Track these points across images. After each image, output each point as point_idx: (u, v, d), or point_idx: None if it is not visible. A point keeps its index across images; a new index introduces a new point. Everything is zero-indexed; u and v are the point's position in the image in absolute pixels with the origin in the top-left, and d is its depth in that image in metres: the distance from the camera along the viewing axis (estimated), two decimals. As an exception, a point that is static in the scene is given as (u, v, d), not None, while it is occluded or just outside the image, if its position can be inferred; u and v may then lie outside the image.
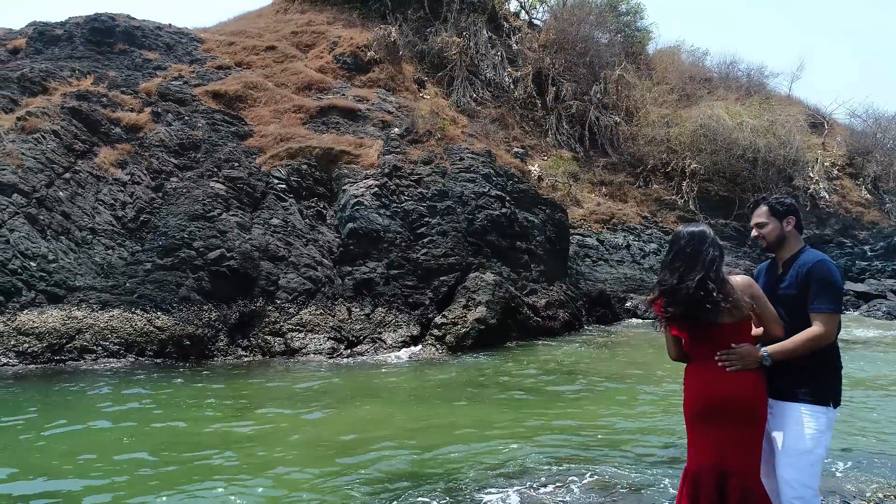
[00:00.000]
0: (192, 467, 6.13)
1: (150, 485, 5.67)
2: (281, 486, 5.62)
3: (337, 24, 24.10)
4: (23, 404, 8.57)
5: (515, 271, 15.39)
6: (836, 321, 3.28)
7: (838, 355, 3.41)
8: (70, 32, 20.51)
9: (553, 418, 7.82)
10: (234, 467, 6.13)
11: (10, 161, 13.72)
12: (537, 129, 24.65)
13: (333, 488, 5.53)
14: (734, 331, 3.31)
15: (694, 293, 3.26)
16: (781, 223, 3.47)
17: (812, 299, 3.26)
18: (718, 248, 3.42)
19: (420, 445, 6.75)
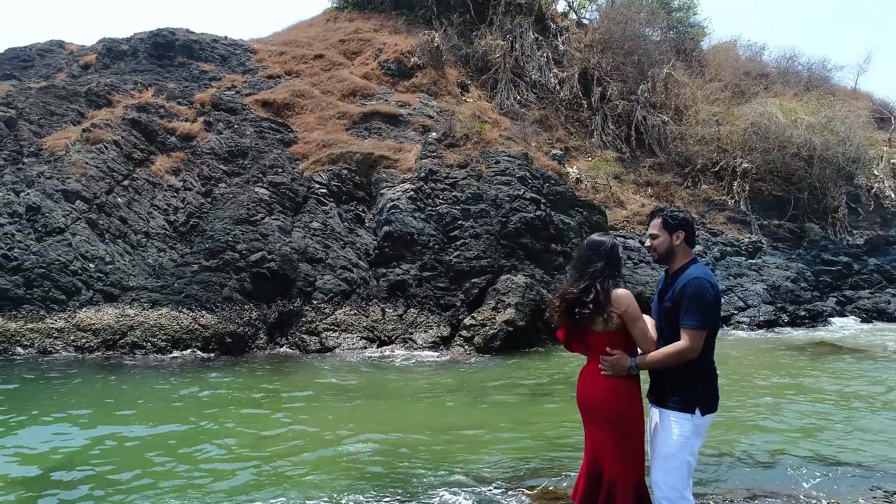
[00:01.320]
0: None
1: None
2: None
3: (383, 31, 24.69)
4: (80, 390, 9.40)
5: (549, 273, 15.45)
6: (702, 337, 3.39)
7: (709, 366, 3.52)
8: (134, 47, 21.93)
9: (548, 421, 7.97)
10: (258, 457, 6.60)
11: (75, 170, 14.89)
12: (582, 129, 24.47)
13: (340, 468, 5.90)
14: (607, 339, 3.49)
15: (575, 299, 3.47)
16: (671, 237, 3.60)
17: (682, 314, 3.39)
18: (609, 259, 3.58)
19: (412, 442, 7.06)
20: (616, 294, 3.53)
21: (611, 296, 3.51)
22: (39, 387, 9.70)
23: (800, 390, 9.81)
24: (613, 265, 3.63)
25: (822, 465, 6.18)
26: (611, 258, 3.62)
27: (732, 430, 7.45)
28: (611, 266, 3.60)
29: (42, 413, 8.19)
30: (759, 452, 6.63)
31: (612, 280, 3.58)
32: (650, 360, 3.44)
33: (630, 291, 3.62)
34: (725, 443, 6.89)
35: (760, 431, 7.48)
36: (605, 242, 3.69)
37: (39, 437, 7.16)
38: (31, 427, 7.63)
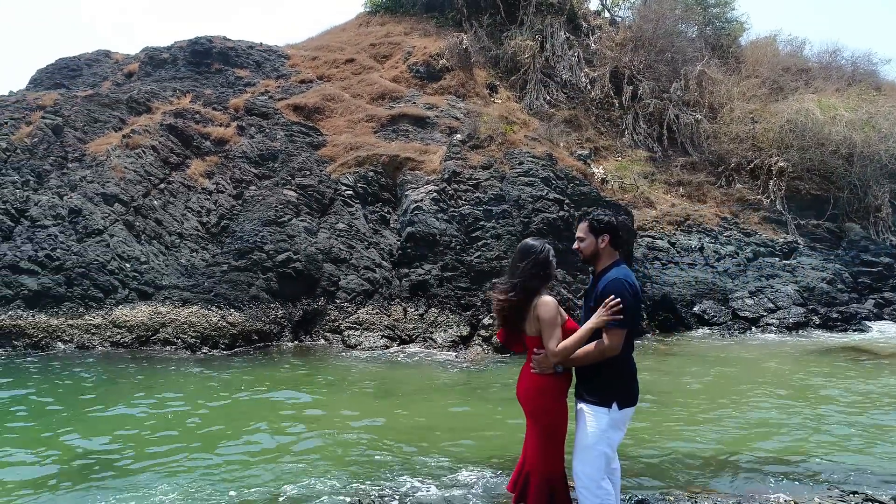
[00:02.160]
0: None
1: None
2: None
3: (413, 34, 25.01)
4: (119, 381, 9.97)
5: (571, 274, 15.46)
6: (622, 335, 3.52)
7: (627, 363, 3.63)
8: (174, 55, 22.80)
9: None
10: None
11: (114, 174, 15.64)
12: (613, 129, 24.29)
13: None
14: (535, 341, 3.61)
15: (502, 302, 3.60)
16: (597, 240, 3.71)
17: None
18: (537, 264, 3.68)
19: (410, 439, 7.28)
20: (539, 300, 3.66)
21: (534, 301, 3.64)
22: (91, 377, 10.31)
23: (800, 393, 9.65)
24: (543, 272, 3.74)
25: (783, 467, 6.19)
26: (538, 264, 3.73)
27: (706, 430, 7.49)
28: (538, 272, 3.72)
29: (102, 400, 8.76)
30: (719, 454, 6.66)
31: (538, 286, 3.70)
32: (572, 358, 3.56)
33: (555, 300, 3.71)
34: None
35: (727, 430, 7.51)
36: (535, 248, 3.81)
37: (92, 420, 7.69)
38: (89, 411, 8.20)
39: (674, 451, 6.78)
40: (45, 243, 13.94)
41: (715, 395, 9.62)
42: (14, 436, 7.42)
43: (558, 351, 3.53)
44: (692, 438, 7.28)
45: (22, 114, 17.87)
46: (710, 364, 12.19)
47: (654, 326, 16.19)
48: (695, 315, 17.13)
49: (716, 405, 8.88)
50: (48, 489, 5.79)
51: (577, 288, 15.19)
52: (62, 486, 5.84)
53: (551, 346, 3.55)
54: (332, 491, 5.52)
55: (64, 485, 5.88)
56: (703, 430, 7.65)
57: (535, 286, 3.68)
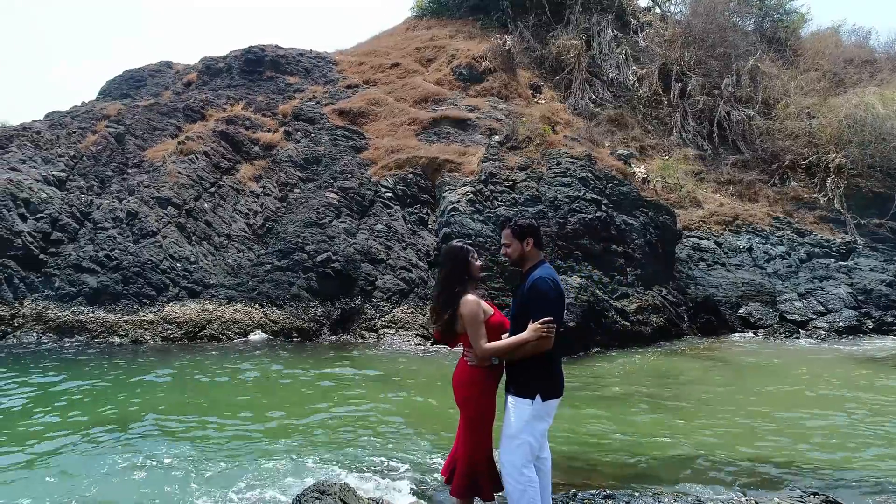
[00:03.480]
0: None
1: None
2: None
3: (458, 37, 25.27)
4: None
5: (608, 275, 15.34)
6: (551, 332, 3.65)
7: (551, 357, 3.75)
8: (229, 64, 23.86)
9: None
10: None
11: (168, 179, 16.58)
12: (660, 127, 23.84)
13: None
14: (465, 338, 3.75)
15: (432, 303, 3.78)
16: (522, 244, 3.84)
17: (530, 311, 3.62)
18: (453, 264, 3.85)
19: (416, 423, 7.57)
20: (462, 300, 3.82)
21: (458, 300, 3.80)
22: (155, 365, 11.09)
23: (821, 398, 9.32)
24: (461, 272, 3.89)
25: (751, 465, 6.12)
26: (458, 266, 3.90)
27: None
28: (458, 273, 3.88)
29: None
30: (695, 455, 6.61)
31: (460, 286, 3.86)
32: (495, 350, 3.71)
33: (477, 299, 3.84)
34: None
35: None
36: (453, 251, 3.99)
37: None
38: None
39: (652, 452, 6.81)
40: (104, 244, 14.94)
41: (728, 398, 9.43)
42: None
43: (487, 350, 3.69)
44: (678, 439, 7.28)
45: (89, 123, 19.16)
46: (740, 368, 11.89)
47: (695, 329, 15.85)
48: (740, 317, 16.65)
49: (721, 409, 8.71)
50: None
51: (612, 289, 15.08)
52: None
53: (479, 345, 3.71)
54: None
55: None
56: (695, 431, 7.60)
57: (458, 288, 3.85)
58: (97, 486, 5.88)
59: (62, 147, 17.81)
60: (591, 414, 8.49)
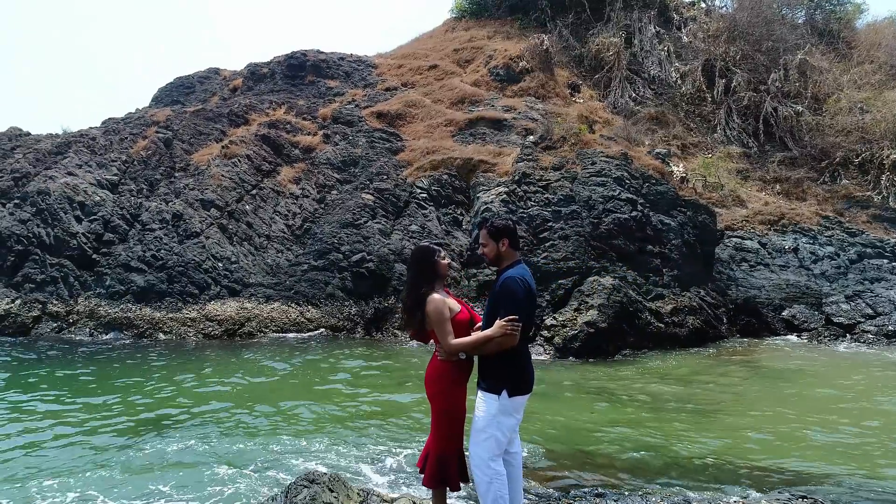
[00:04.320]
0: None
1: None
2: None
3: (496, 37, 25.30)
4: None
5: (643, 275, 15.13)
6: (517, 328, 3.71)
7: (519, 354, 3.79)
8: (273, 70, 24.55)
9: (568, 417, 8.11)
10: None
11: (212, 182, 17.21)
12: (704, 125, 23.30)
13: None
14: (433, 334, 3.84)
15: (402, 305, 3.90)
16: (497, 244, 3.89)
17: (500, 309, 3.69)
18: (418, 265, 3.94)
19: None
20: (428, 299, 3.91)
21: (425, 300, 3.90)
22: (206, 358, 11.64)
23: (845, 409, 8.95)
24: (427, 272, 3.99)
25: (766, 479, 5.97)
26: (423, 266, 4.00)
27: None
28: (424, 273, 3.99)
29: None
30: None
31: (427, 286, 3.95)
32: (462, 346, 3.80)
33: (443, 297, 3.93)
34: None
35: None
36: (418, 252, 4.09)
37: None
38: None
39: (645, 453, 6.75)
40: (151, 245, 15.64)
41: (754, 402, 9.21)
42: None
43: (453, 346, 3.79)
44: (688, 442, 7.20)
45: (140, 129, 20.05)
46: (773, 372, 11.55)
47: (734, 331, 15.47)
48: (783, 320, 16.15)
49: (730, 415, 8.52)
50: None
51: (647, 290, 14.87)
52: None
53: (446, 341, 3.82)
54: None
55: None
56: (696, 436, 7.50)
57: (424, 288, 3.95)
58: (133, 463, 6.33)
59: (115, 152, 18.71)
60: (608, 414, 8.45)
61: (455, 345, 3.76)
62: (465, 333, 3.89)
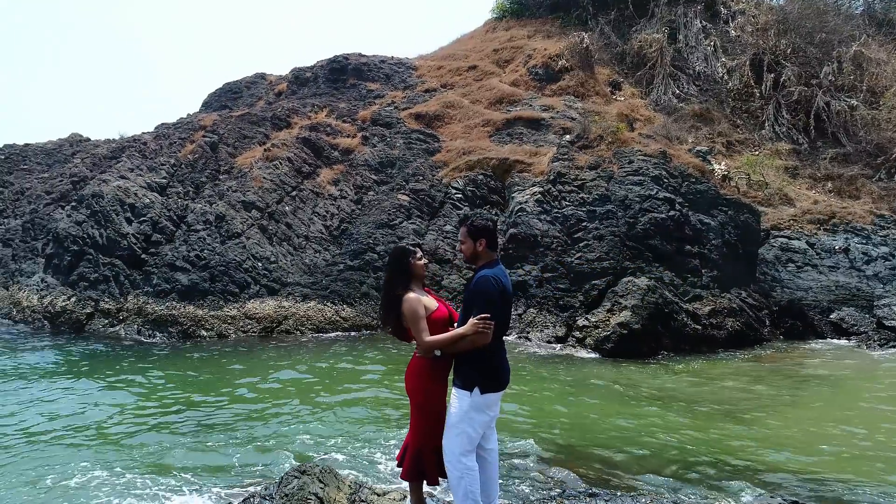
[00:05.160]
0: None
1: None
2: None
3: (537, 36, 25.16)
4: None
5: (681, 276, 14.81)
6: (489, 326, 3.74)
7: (491, 352, 3.79)
8: (315, 74, 25.09)
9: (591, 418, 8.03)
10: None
11: (254, 184, 17.74)
12: (751, 121, 22.58)
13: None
14: (411, 332, 3.87)
15: (381, 302, 3.95)
16: (475, 243, 3.90)
17: (473, 308, 3.71)
18: (394, 266, 4.00)
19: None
20: (403, 298, 3.97)
21: (400, 299, 3.96)
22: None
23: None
24: (403, 272, 4.05)
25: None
26: (398, 266, 4.06)
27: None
28: (400, 273, 4.04)
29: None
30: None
31: (402, 287, 4.01)
32: (437, 343, 3.84)
33: (418, 296, 3.98)
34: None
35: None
36: (395, 252, 4.16)
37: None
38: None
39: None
40: (196, 245, 16.24)
41: (784, 408, 8.91)
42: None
43: (427, 343, 3.85)
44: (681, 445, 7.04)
45: (188, 133, 20.81)
46: (810, 377, 11.13)
47: (777, 334, 14.97)
48: (830, 323, 15.51)
49: (764, 417, 8.27)
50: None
51: (684, 291, 14.55)
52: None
53: (421, 338, 3.88)
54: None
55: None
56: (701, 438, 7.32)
57: (400, 289, 4.02)
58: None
59: (164, 156, 19.49)
60: (623, 411, 8.35)
61: (429, 342, 3.85)
62: (443, 331, 3.96)
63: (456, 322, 4.05)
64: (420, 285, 4.12)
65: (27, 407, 8.80)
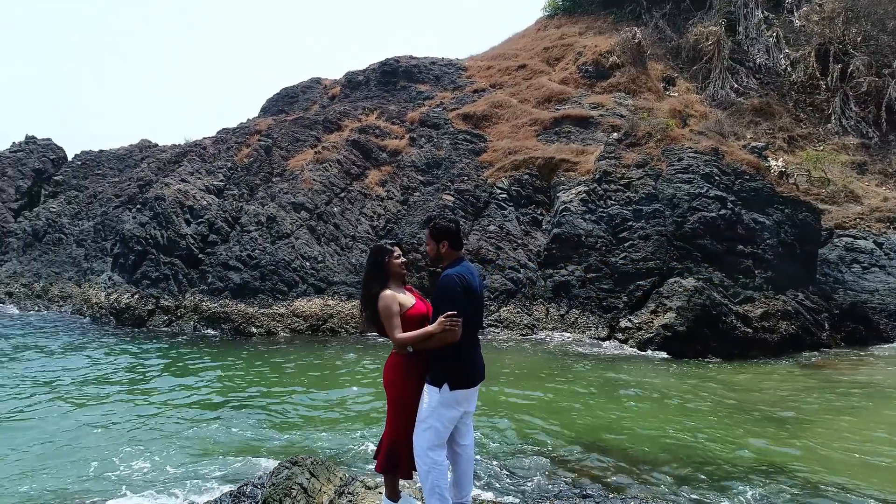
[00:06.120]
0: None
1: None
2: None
3: (588, 33, 24.78)
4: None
5: (731, 277, 14.28)
6: (457, 324, 3.76)
7: (460, 348, 3.81)
8: (367, 77, 25.55)
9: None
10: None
11: (304, 185, 18.25)
12: (816, 114, 21.50)
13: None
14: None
15: (360, 310, 4.01)
16: (438, 245, 3.90)
17: (440, 306, 3.70)
18: (371, 264, 4.02)
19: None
20: (379, 295, 4.00)
21: (376, 297, 3.99)
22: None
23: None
24: (379, 271, 4.08)
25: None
26: (375, 265, 4.09)
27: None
28: (377, 272, 4.08)
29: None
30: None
31: (378, 285, 4.04)
32: (408, 339, 3.87)
33: (393, 294, 4.00)
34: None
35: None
36: (373, 251, 4.20)
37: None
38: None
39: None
40: (248, 245, 16.87)
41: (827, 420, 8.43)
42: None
43: (398, 339, 3.90)
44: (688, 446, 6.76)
45: (244, 137, 21.62)
46: (864, 385, 10.50)
47: (838, 339, 14.19)
48: (900, 328, 14.63)
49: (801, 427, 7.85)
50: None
51: (735, 292, 14.02)
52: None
53: (392, 334, 3.93)
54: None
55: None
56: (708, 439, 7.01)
57: (376, 288, 4.06)
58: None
59: (222, 160, 20.32)
60: (650, 413, 8.14)
61: (399, 338, 3.91)
62: (418, 328, 4.02)
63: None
64: (399, 283, 4.19)
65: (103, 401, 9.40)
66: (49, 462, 6.80)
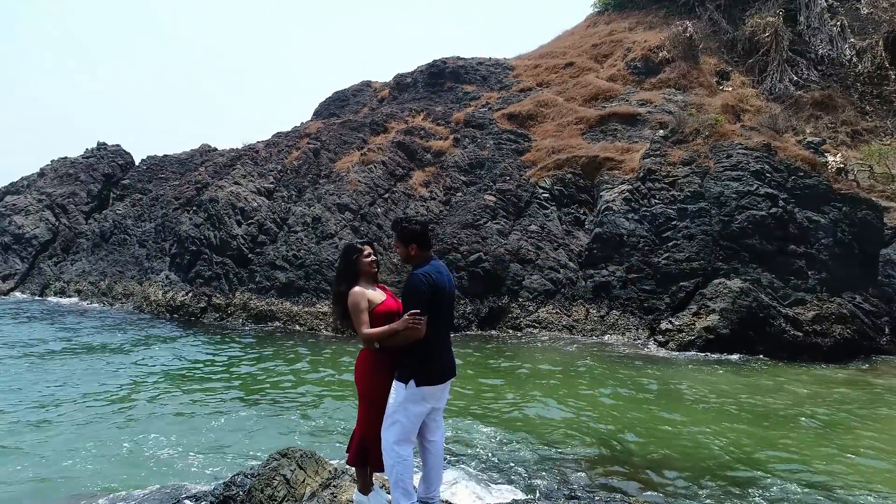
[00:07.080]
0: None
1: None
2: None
3: (638, 28, 24.23)
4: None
5: (782, 278, 13.69)
6: (423, 321, 3.82)
7: (428, 347, 3.86)
8: (415, 79, 25.80)
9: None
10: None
11: (349, 187, 18.63)
12: (884, 107, 20.29)
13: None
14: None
15: (332, 305, 4.07)
16: (407, 248, 3.91)
17: (406, 304, 3.73)
18: (341, 263, 4.08)
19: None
20: (349, 292, 4.05)
21: (346, 294, 4.05)
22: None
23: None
24: (349, 269, 4.14)
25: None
26: (344, 263, 4.17)
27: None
28: (347, 269, 4.14)
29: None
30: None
31: (347, 283, 4.09)
32: (374, 335, 3.92)
33: (362, 290, 4.05)
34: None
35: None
36: (344, 250, 4.28)
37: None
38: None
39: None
40: (294, 245, 17.37)
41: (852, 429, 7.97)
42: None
43: (364, 335, 3.95)
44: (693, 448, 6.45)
45: (294, 140, 22.24)
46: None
47: (900, 345, 13.39)
48: (970, 334, 13.64)
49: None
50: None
51: (785, 294, 13.44)
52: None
53: (360, 330, 3.99)
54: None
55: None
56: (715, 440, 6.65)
57: (345, 286, 4.13)
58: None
59: (273, 163, 20.98)
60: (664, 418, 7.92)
61: (366, 334, 3.99)
62: (386, 324, 4.08)
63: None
64: (370, 281, 4.26)
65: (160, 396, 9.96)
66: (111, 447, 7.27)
